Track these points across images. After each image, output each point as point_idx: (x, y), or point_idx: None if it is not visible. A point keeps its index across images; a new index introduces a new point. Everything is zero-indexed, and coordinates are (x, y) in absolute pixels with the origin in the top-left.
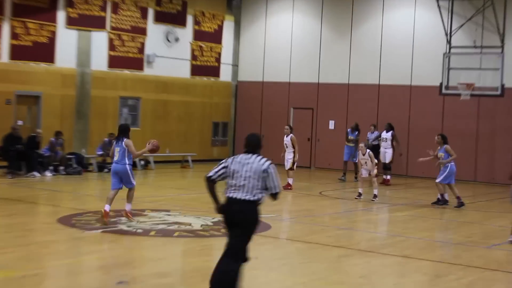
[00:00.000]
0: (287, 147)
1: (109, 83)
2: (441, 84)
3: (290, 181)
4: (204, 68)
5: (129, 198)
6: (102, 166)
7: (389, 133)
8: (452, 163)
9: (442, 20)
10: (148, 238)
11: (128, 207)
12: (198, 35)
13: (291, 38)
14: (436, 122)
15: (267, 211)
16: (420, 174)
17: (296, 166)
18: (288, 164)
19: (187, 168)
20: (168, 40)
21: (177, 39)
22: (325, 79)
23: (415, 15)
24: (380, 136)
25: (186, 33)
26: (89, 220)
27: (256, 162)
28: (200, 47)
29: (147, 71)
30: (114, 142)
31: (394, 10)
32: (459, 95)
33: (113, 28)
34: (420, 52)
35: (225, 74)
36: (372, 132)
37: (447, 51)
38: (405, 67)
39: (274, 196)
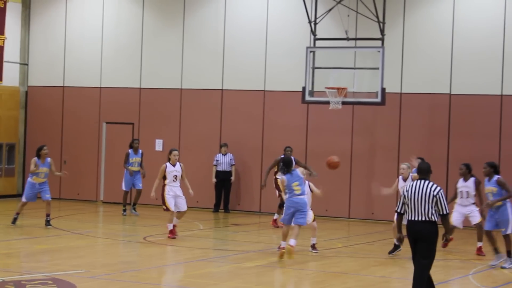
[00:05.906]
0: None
1: None
2: (304, 88)
3: (170, 226)
4: None
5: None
6: None
7: None
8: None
9: (304, 3)
10: None
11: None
12: None
13: (102, 27)
14: (297, 139)
15: (71, 265)
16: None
17: None
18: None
19: None
20: None
21: None
22: (149, 83)
23: None
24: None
25: None
26: None
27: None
28: None
29: None
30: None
31: None
32: (327, 103)
33: None
34: (275, 46)
35: (10, 76)
36: (224, 154)
37: (311, 44)
38: (256, 67)
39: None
